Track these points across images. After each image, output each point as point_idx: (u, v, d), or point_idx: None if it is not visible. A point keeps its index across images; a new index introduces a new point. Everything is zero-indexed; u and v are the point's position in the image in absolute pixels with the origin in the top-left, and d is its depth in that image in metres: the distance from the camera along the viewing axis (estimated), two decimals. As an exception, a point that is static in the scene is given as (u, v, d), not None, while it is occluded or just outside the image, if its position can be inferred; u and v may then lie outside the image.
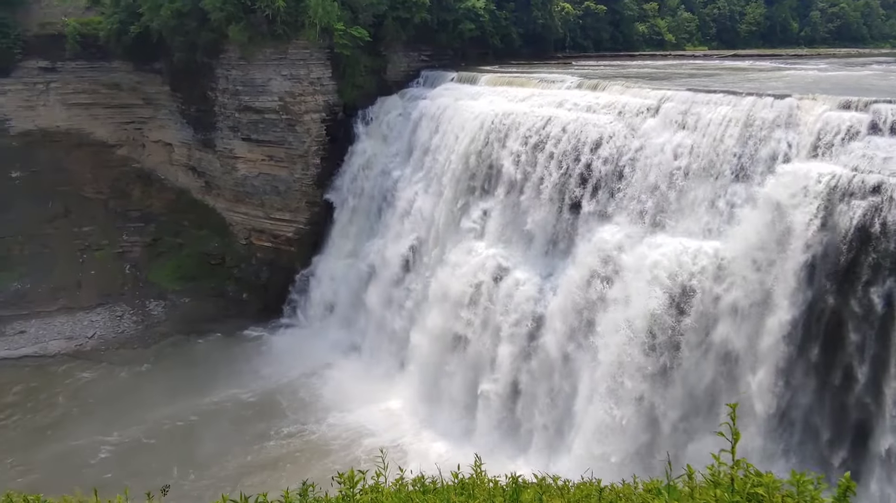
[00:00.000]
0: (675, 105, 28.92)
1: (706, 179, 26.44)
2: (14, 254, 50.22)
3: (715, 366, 24.97)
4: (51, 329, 47.40)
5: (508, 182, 34.56)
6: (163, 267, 52.19)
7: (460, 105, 40.11)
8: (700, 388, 25.39)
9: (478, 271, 34.90)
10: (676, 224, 27.16)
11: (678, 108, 28.64)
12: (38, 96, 51.35)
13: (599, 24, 62.51)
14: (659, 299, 26.07)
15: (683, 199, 27.07)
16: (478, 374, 34.52)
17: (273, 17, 44.05)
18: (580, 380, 29.34)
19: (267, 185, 49.65)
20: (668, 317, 25.97)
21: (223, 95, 48.38)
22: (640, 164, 28.84)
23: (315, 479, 7.24)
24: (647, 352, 26.33)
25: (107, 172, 53.48)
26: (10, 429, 37.79)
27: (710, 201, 26.22)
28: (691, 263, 25.61)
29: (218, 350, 45.82)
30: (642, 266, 27.07)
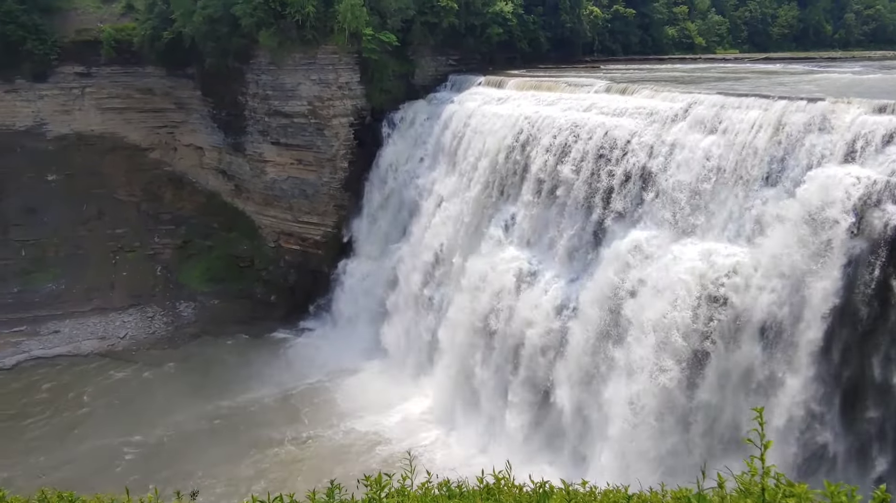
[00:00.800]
0: (704, 109, 28.61)
1: (736, 184, 26.09)
2: (49, 255, 51.35)
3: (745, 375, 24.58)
4: (84, 329, 48.33)
5: (535, 186, 34.46)
6: (193, 269, 52.94)
7: (487, 109, 40.12)
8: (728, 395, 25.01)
9: (504, 275, 34.83)
10: (705, 229, 26.84)
11: (708, 112, 28.32)
12: (74, 101, 52.49)
13: (628, 27, 62.08)
14: (687, 305, 25.78)
15: (712, 203, 26.74)
16: (504, 379, 34.42)
17: (303, 23, 44.52)
18: (608, 387, 29.09)
19: (295, 189, 50.12)
20: (696, 323, 25.66)
21: (253, 100, 48.98)
22: (668, 168, 28.55)
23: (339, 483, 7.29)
24: (675, 357, 26.03)
25: (139, 175, 54.47)
26: (40, 427, 38.51)
27: (739, 206, 25.86)
28: (720, 269, 25.28)
29: (245, 351, 46.32)
30: (670, 271, 26.79)
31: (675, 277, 26.41)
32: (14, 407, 40.32)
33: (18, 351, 45.88)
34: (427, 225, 42.35)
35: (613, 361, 28.82)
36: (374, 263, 47.22)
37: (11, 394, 41.64)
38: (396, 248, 45.12)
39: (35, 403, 40.71)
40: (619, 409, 27.85)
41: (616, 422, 27.85)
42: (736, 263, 24.94)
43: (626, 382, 27.75)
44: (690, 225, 27.30)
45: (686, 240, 27.17)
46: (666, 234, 28.03)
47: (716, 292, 25.23)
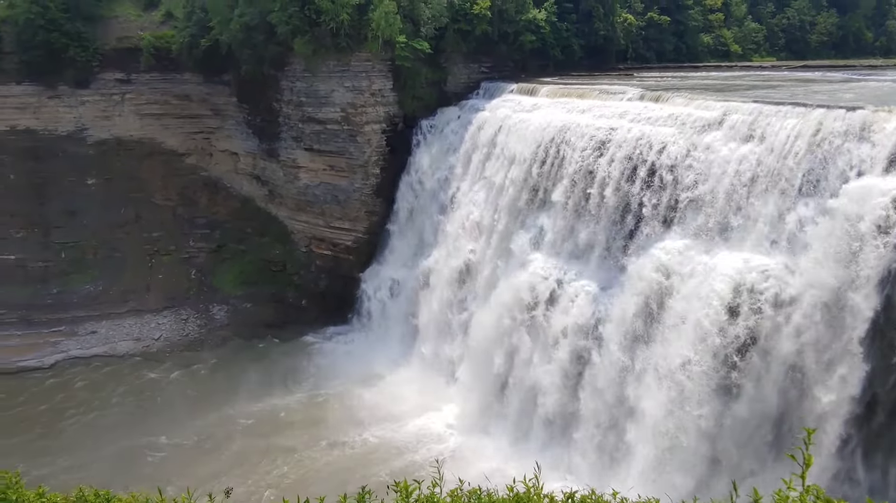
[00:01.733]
0: (740, 117, 28.25)
1: (772, 193, 25.69)
2: (88, 257, 52.52)
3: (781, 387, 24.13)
4: (120, 330, 49.30)
5: (567, 194, 34.31)
6: (226, 272, 53.68)
7: (519, 117, 40.09)
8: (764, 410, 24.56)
9: (534, 284, 34.71)
10: (740, 239, 26.45)
11: (744, 121, 27.96)
12: (114, 107, 53.68)
13: (663, 35, 61.55)
14: (721, 315, 25.41)
15: (747, 213, 26.35)
16: (533, 388, 34.24)
17: (337, 31, 45.03)
18: (638, 397, 28.77)
19: (328, 195, 50.58)
20: (730, 334, 25.27)
21: (287, 106, 49.62)
22: (702, 177, 28.23)
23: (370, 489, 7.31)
24: (707, 369, 25.65)
25: (176, 180, 55.45)
26: (74, 425, 39.28)
27: (775, 216, 25.45)
28: (755, 280, 24.89)
29: (276, 355, 46.78)
30: (703, 281, 26.45)
31: (708, 287, 26.07)
32: (51, 405, 41.27)
33: (57, 350, 46.96)
34: (457, 232, 42.38)
35: (644, 373, 28.50)
36: (405, 269, 47.39)
37: (49, 393, 42.66)
38: (426, 255, 45.23)
39: (71, 402, 41.60)
40: (649, 422, 27.52)
41: (647, 434, 27.52)
42: (771, 274, 24.54)
43: (658, 394, 27.42)
44: (724, 235, 26.94)
45: (720, 250, 26.82)
46: (699, 243, 27.70)
47: (750, 303, 24.83)
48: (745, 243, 26.20)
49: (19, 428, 38.81)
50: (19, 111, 51.97)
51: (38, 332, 48.43)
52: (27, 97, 51.89)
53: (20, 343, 47.41)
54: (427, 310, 43.44)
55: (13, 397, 42.06)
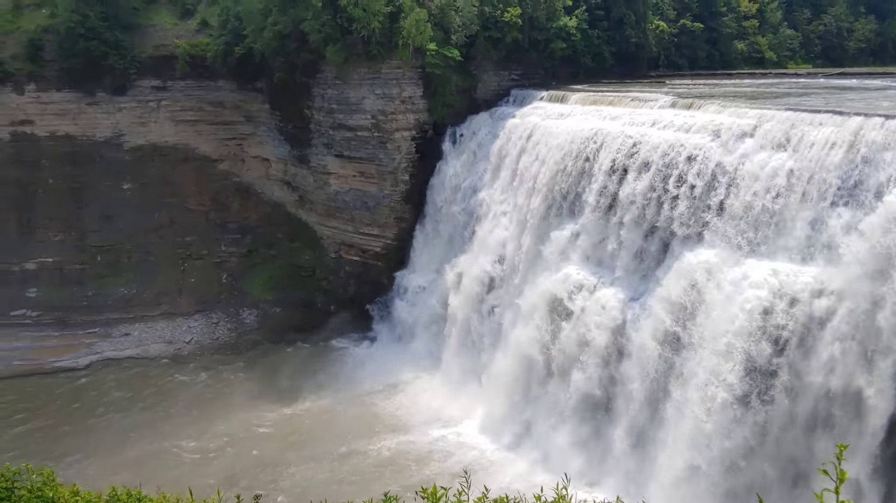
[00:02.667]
0: (774, 125, 27.84)
1: (806, 203, 25.27)
2: (122, 261, 53.55)
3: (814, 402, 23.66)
4: (152, 333, 50.10)
5: (597, 201, 34.09)
6: (256, 277, 54.28)
7: (549, 124, 39.98)
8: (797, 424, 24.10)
9: (563, 292, 34.50)
10: (773, 249, 26.04)
11: (778, 129, 27.55)
12: (150, 113, 54.73)
13: (696, 42, 60.98)
14: (753, 326, 25.01)
15: (781, 222, 25.94)
16: (561, 396, 34.00)
17: (368, 38, 45.44)
18: (668, 408, 28.43)
19: (357, 201, 50.93)
20: (762, 346, 24.86)
21: (319, 113, 50.13)
22: (735, 185, 27.86)
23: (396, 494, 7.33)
24: (738, 382, 25.24)
25: (209, 185, 56.30)
26: (106, 426, 39.88)
27: (810, 226, 25.02)
28: (789, 290, 24.47)
29: (304, 360, 47.11)
30: (736, 291, 26.07)
31: (741, 297, 25.68)
32: (85, 405, 42.03)
33: (91, 351, 47.88)
34: (486, 239, 42.35)
35: (675, 384, 28.14)
36: (433, 276, 47.46)
37: (83, 393, 43.47)
38: (455, 262, 45.23)
39: (102, 402, 42.32)
40: (678, 435, 27.15)
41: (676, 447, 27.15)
42: (806, 284, 24.11)
43: (687, 406, 27.06)
44: (758, 244, 26.54)
45: (753, 259, 26.42)
46: (732, 252, 27.31)
47: (784, 314, 24.41)
48: (777, 254, 25.78)
49: (52, 427, 39.59)
50: (59, 117, 53.28)
51: (73, 334, 49.47)
52: (67, 104, 53.19)
53: (56, 344, 48.46)
54: (455, 317, 43.40)
55: (49, 396, 42.98)
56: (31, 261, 52.58)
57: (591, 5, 53.40)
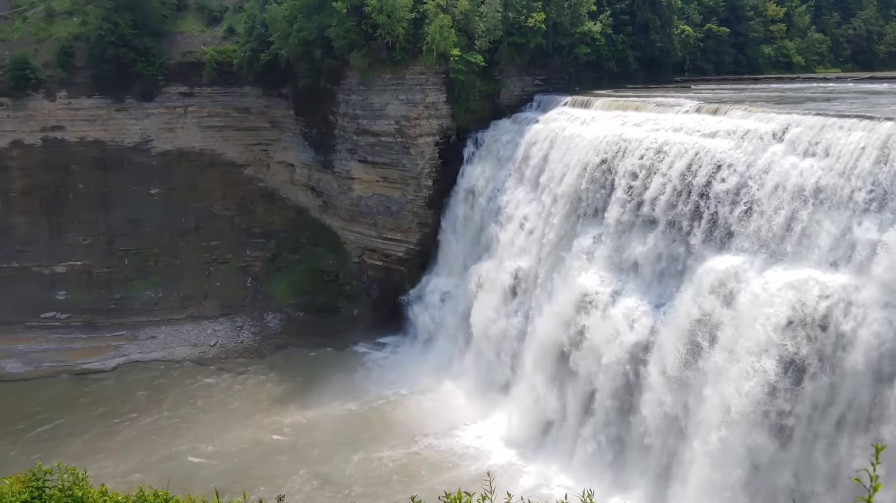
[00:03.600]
0: (802, 130, 27.46)
1: (835, 209, 24.86)
2: (149, 264, 54.32)
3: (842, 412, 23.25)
4: (178, 336, 50.71)
5: (621, 207, 33.84)
6: (280, 281, 54.71)
7: (573, 129, 39.84)
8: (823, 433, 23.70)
9: (586, 298, 34.29)
10: (801, 255, 25.63)
11: (806, 134, 27.17)
12: (177, 119, 55.53)
13: (721, 46, 60.43)
14: (780, 335, 24.64)
15: (809, 229, 25.54)
16: (583, 405, 33.78)
17: (393, 45, 45.71)
18: (691, 417, 28.10)
19: (380, 206, 51.15)
20: (788, 355, 24.48)
21: (343, 119, 50.48)
22: (762, 191, 27.49)
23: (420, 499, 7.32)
24: (764, 392, 24.87)
25: (234, 190, 56.93)
26: (130, 427, 40.38)
27: (839, 233, 24.59)
28: (817, 298, 24.08)
29: (327, 364, 47.37)
30: (762, 299, 25.71)
31: (767, 305, 25.31)
32: (111, 407, 42.62)
33: (119, 354, 48.61)
34: (509, 245, 42.27)
35: (699, 392, 27.81)
36: (455, 281, 47.46)
37: (109, 395, 44.09)
38: (477, 267, 45.19)
39: (127, 405, 42.90)
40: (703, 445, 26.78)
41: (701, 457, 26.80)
42: (835, 292, 23.71)
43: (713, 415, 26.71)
44: (785, 251, 26.14)
45: (780, 266, 26.04)
46: (758, 259, 26.95)
47: (813, 322, 24.03)
48: (805, 261, 25.38)
49: (79, 428, 40.23)
50: (89, 123, 54.27)
51: (101, 336, 50.30)
52: (97, 110, 54.18)
53: (85, 346, 49.29)
54: (478, 322, 43.30)
55: (76, 398, 43.67)
56: (60, 264, 53.58)
57: (616, 10, 53.22)
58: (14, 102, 52.81)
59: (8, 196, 53.83)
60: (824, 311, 23.81)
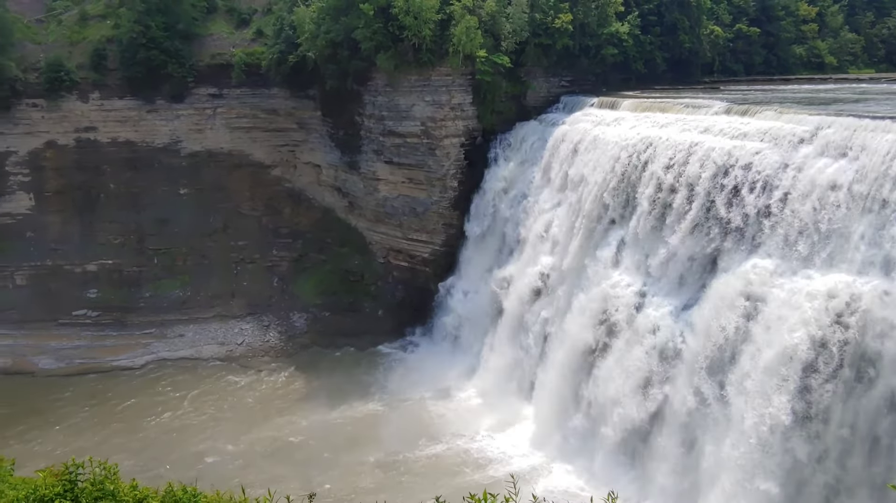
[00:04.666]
0: (834, 132, 27.01)
1: (869, 212, 24.41)
2: (178, 264, 55.10)
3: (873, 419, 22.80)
4: (206, 334, 51.33)
5: (647, 209, 33.56)
6: (306, 281, 55.12)
7: (600, 131, 39.61)
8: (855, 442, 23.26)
9: (612, 301, 34.08)
10: (832, 260, 25.21)
11: (839, 135, 26.72)
12: (206, 120, 56.25)
13: (752, 47, 59.60)
14: (810, 340, 24.24)
15: (841, 231, 25.11)
16: (607, 409, 33.51)
17: (419, 46, 45.83)
18: (717, 424, 27.73)
19: (406, 207, 51.30)
20: (819, 360, 24.07)
21: (369, 120, 50.74)
22: (792, 193, 27.08)
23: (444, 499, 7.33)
24: (794, 398, 24.48)
25: (262, 191, 57.52)
26: (152, 426, 40.88)
27: (872, 235, 24.15)
28: (850, 302, 23.65)
29: (351, 364, 47.63)
30: (791, 302, 25.33)
31: (797, 310, 24.93)
32: (138, 404, 43.31)
33: (147, 352, 49.34)
34: (534, 246, 42.14)
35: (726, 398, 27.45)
36: (480, 283, 47.40)
37: (138, 392, 44.76)
38: (503, 268, 45.11)
39: (153, 402, 43.53)
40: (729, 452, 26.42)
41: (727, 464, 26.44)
42: (868, 297, 23.26)
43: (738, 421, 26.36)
44: (814, 254, 25.74)
45: (810, 270, 25.64)
46: (787, 264, 26.56)
47: (844, 327, 23.60)
48: (835, 265, 24.96)
49: (106, 424, 40.99)
50: (120, 124, 55.23)
51: (130, 334, 51.10)
52: (128, 111, 55.11)
53: (115, 343, 50.13)
54: (502, 325, 43.27)
55: (105, 395, 44.43)
56: (91, 262, 54.58)
57: (644, 11, 52.77)
58: (48, 104, 53.95)
59: (42, 195, 54.98)
60: (856, 317, 23.37)
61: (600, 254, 35.92)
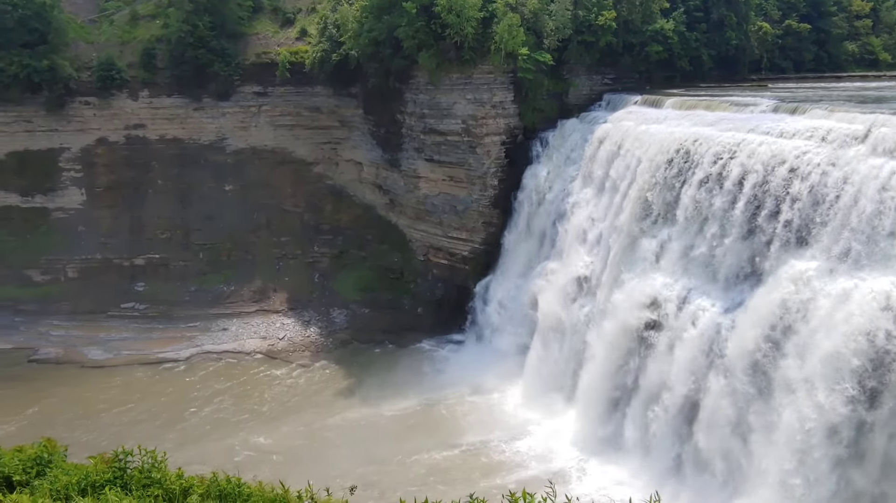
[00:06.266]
0: (889, 131, 26.17)
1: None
2: (222, 259, 56.23)
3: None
4: (248, 328, 52.24)
5: (692, 209, 33.02)
6: (347, 278, 55.67)
7: (643, 129, 39.10)
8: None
9: (654, 302, 33.62)
10: (884, 263, 24.46)
11: (892, 134, 25.88)
12: (251, 118, 57.24)
13: (801, 43, 58.07)
14: (859, 345, 23.57)
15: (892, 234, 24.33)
16: (649, 411, 33.10)
17: (461, 44, 45.89)
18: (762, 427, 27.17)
19: (446, 205, 51.42)
20: (869, 365, 23.40)
21: (411, 118, 50.98)
22: (843, 194, 26.35)
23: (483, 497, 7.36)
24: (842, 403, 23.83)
25: (304, 188, 58.30)
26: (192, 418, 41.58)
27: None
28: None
29: (390, 361, 47.89)
30: (841, 306, 24.65)
31: (847, 315, 24.25)
32: (181, 396, 44.26)
33: (192, 344, 50.40)
34: (575, 245, 41.81)
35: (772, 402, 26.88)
36: (520, 281, 47.24)
37: (182, 384, 45.77)
38: (543, 267, 44.87)
39: (195, 394, 44.40)
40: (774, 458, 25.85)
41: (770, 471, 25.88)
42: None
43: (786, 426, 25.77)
44: (865, 256, 24.99)
45: (861, 273, 24.91)
46: (836, 265, 25.85)
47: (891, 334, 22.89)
48: (886, 267, 24.21)
49: (151, 414, 41.97)
50: (168, 122, 56.58)
51: (176, 327, 52.26)
52: (176, 109, 56.41)
53: (161, 336, 51.33)
54: (542, 323, 43.05)
55: (150, 386, 45.51)
56: (139, 256, 56.06)
57: (690, 7, 51.84)
58: (100, 101, 55.56)
59: (93, 191, 56.67)
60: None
61: (643, 254, 35.46)
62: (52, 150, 56.14)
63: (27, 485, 9.29)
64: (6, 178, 55.74)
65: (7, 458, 9.56)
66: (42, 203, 56.47)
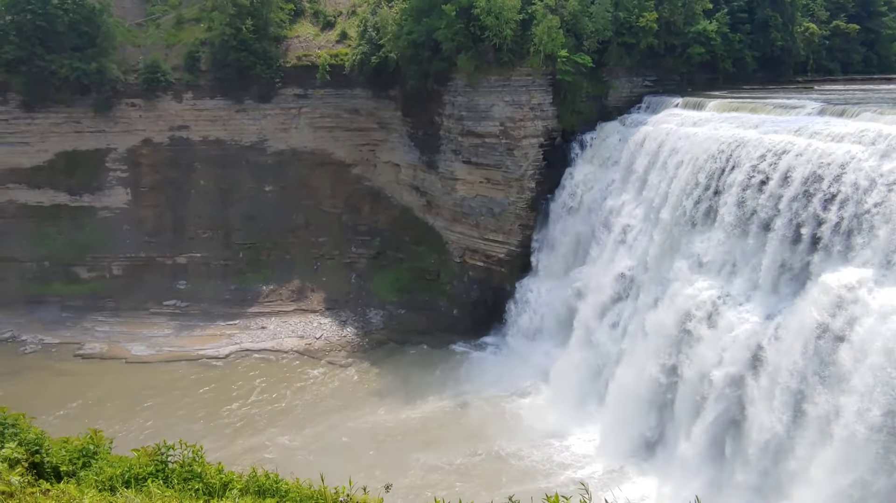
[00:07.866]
0: (941, 135, 25.37)
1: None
2: (262, 258, 57.09)
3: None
4: (286, 327, 52.92)
5: (733, 213, 32.39)
6: (383, 279, 56.03)
7: (684, 132, 38.53)
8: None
9: (693, 307, 33.08)
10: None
11: (945, 139, 25.08)
12: (292, 120, 58.02)
13: (850, 45, 56.61)
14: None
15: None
16: (685, 418, 32.59)
17: (500, 46, 45.84)
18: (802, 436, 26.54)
19: (483, 207, 51.40)
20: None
21: (448, 120, 51.10)
22: (891, 201, 25.58)
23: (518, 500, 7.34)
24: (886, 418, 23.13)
25: (342, 189, 58.88)
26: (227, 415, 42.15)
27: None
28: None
29: (425, 362, 48.05)
30: (887, 316, 23.94)
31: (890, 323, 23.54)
32: (220, 393, 45.03)
33: (231, 342, 51.25)
34: (612, 249, 41.42)
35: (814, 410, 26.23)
36: (556, 285, 46.96)
37: (221, 381, 46.53)
38: (578, 272, 44.56)
39: (232, 391, 45.11)
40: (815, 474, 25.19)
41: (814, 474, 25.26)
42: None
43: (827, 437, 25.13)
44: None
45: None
46: (883, 273, 25.11)
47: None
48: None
49: (186, 411, 42.76)
50: (211, 123, 57.66)
51: (216, 325, 53.22)
52: (218, 110, 57.47)
53: (202, 333, 52.32)
54: (577, 328, 42.71)
55: (189, 382, 46.39)
56: (182, 255, 57.21)
57: (734, 8, 50.94)
58: (146, 103, 56.89)
59: (138, 191, 58.03)
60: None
61: (682, 258, 34.94)
62: (99, 150, 57.65)
63: (73, 475, 9.57)
64: (56, 177, 57.41)
65: (55, 449, 9.86)
66: (89, 202, 58.01)
